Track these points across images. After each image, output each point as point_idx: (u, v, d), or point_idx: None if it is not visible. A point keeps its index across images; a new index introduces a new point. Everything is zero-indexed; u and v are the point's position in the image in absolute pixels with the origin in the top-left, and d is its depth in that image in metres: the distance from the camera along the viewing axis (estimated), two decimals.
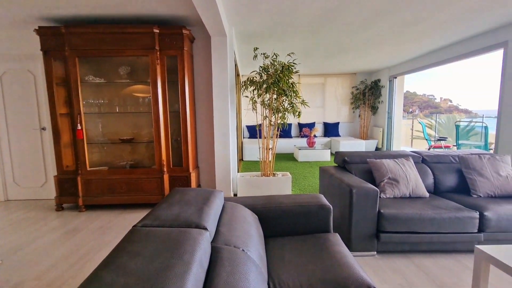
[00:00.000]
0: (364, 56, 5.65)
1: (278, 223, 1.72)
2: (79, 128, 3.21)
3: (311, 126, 8.12)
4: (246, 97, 3.79)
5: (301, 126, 8.19)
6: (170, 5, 2.83)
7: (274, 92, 3.48)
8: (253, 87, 3.57)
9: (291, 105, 3.52)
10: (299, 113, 3.58)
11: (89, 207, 3.48)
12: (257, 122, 4.03)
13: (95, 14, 3.05)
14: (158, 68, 3.18)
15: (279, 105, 3.55)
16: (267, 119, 3.67)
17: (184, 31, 3.15)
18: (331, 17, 3.28)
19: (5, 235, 2.72)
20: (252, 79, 3.59)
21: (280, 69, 3.41)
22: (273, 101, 3.58)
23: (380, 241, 2.17)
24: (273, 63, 3.46)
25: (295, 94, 3.50)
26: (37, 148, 3.74)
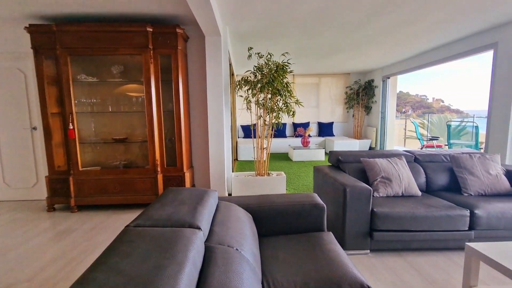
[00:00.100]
0: (357, 56, 5.69)
1: (272, 222, 1.72)
2: (71, 127, 3.17)
3: (306, 125, 8.16)
4: (240, 96, 3.79)
5: (295, 125, 8.22)
6: (163, 3, 2.81)
7: (268, 91, 3.48)
8: (248, 87, 3.57)
9: (286, 104, 3.53)
10: (294, 112, 3.59)
11: (82, 208, 3.43)
12: (252, 121, 4.04)
13: (87, 12, 3.01)
14: (151, 67, 3.15)
15: (274, 104, 3.56)
16: (262, 118, 3.67)
17: (178, 30, 3.13)
18: (325, 17, 3.29)
19: None
20: (246, 78, 3.59)
21: (274, 68, 3.42)
22: (268, 101, 3.58)
23: (373, 240, 2.19)
24: (268, 63, 3.46)
25: (289, 93, 3.51)
26: (28, 148, 3.68)
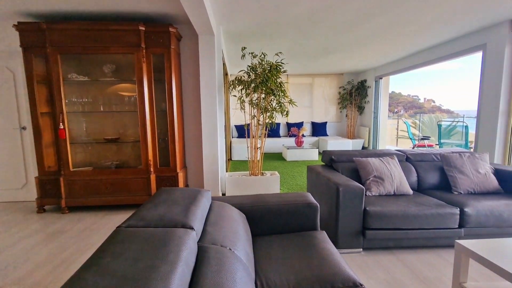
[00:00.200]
0: (350, 56, 5.74)
1: (265, 222, 1.72)
2: (62, 127, 3.11)
3: (299, 125, 8.19)
4: (234, 96, 3.78)
5: (289, 125, 8.25)
6: (156, 2, 2.79)
7: (262, 91, 3.49)
8: (241, 87, 3.57)
9: (279, 104, 3.54)
10: (287, 112, 3.61)
11: (73, 209, 3.38)
12: (245, 121, 4.03)
13: (78, 10, 2.96)
14: (144, 66, 3.12)
15: (267, 104, 3.56)
16: (255, 118, 3.67)
17: (171, 29, 3.10)
18: (318, 17, 3.31)
19: None
20: (240, 78, 3.58)
21: (268, 68, 3.42)
22: (261, 101, 3.58)
23: (366, 238, 2.22)
24: (261, 63, 3.47)
25: (283, 93, 3.52)
26: (17, 148, 3.60)
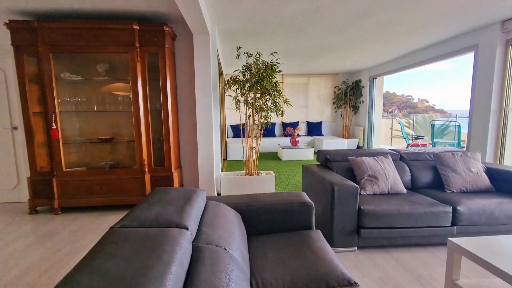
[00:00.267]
0: (345, 56, 5.77)
1: (261, 221, 1.73)
2: (54, 127, 3.07)
3: (295, 125, 8.21)
4: (229, 96, 3.77)
5: (284, 125, 8.27)
6: (150, 1, 2.76)
7: (257, 91, 3.48)
8: (236, 86, 3.56)
9: (275, 104, 3.54)
10: (282, 112, 3.61)
11: (66, 210, 3.34)
12: (241, 121, 4.03)
13: (71, 8, 2.92)
14: (138, 65, 3.10)
15: (263, 104, 3.56)
16: (251, 118, 3.67)
17: (165, 28, 3.08)
18: (312, 18, 3.32)
19: None
20: (235, 78, 3.58)
21: (263, 68, 3.42)
22: (257, 100, 3.58)
23: (360, 237, 2.23)
24: (256, 62, 3.46)
25: (278, 93, 3.52)
26: (9, 148, 3.54)
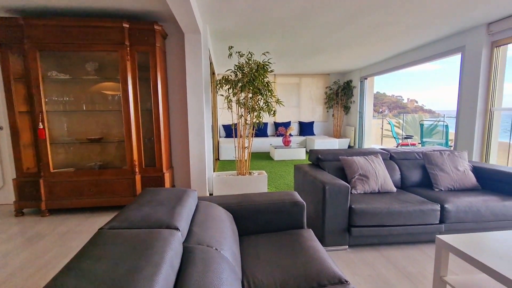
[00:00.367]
0: (336, 57, 5.83)
1: (252, 221, 1.72)
2: (41, 127, 3.00)
3: (287, 125, 8.24)
4: (221, 95, 3.76)
5: (277, 125, 8.29)
6: None
7: (249, 91, 3.48)
8: (228, 86, 3.55)
9: (267, 104, 3.55)
10: (274, 112, 3.62)
11: (54, 212, 3.26)
12: (233, 121, 4.02)
13: (58, 6, 2.86)
14: (128, 64, 3.05)
15: (255, 104, 3.56)
16: (243, 118, 3.67)
17: (156, 27, 3.05)
18: (303, 18, 3.34)
19: None
20: (227, 77, 3.57)
21: (255, 68, 3.42)
22: (249, 100, 3.58)
23: (351, 235, 2.26)
24: (248, 62, 3.46)
25: (270, 93, 3.53)
26: None
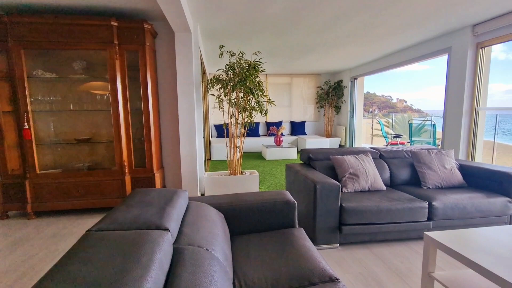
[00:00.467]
0: (327, 57, 5.88)
1: (244, 221, 1.72)
2: (26, 127, 2.92)
3: (279, 125, 8.27)
4: (212, 95, 3.74)
5: (268, 125, 8.30)
6: None
7: (240, 90, 3.48)
8: (220, 86, 3.54)
9: (258, 103, 3.55)
10: (266, 111, 3.62)
11: (41, 214, 3.18)
12: (224, 121, 4.00)
13: (44, 2, 2.78)
14: (117, 63, 3.00)
15: (246, 103, 3.56)
16: (234, 117, 3.66)
17: (145, 25, 3.01)
18: (294, 18, 3.36)
19: None
20: (218, 77, 3.55)
21: (246, 67, 3.42)
22: (240, 100, 3.57)
23: (342, 234, 2.28)
24: (239, 61, 3.45)
25: (261, 92, 3.53)
26: None
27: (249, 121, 3.63)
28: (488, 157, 5.53)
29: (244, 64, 3.44)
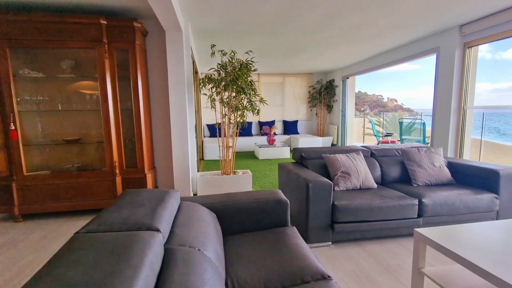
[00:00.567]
0: (318, 56, 5.92)
1: (236, 220, 1.72)
2: (13, 128, 2.84)
3: (271, 124, 8.28)
4: (204, 95, 3.71)
5: (261, 124, 8.31)
6: None
7: (232, 90, 3.46)
8: (212, 85, 3.52)
9: (250, 103, 3.54)
10: (258, 111, 3.62)
11: (29, 217, 3.11)
12: (217, 120, 3.99)
13: (31, 0, 2.72)
14: (106, 62, 2.95)
15: (238, 103, 3.55)
16: (227, 117, 3.64)
17: (135, 24, 2.97)
18: (285, 17, 3.36)
19: None
20: (210, 76, 3.53)
21: (238, 66, 3.41)
22: (232, 99, 3.56)
23: (334, 231, 2.30)
24: (231, 61, 3.44)
25: (253, 92, 3.53)
26: None
27: (241, 121, 3.62)
28: (475, 154, 5.66)
29: (236, 63, 3.43)
